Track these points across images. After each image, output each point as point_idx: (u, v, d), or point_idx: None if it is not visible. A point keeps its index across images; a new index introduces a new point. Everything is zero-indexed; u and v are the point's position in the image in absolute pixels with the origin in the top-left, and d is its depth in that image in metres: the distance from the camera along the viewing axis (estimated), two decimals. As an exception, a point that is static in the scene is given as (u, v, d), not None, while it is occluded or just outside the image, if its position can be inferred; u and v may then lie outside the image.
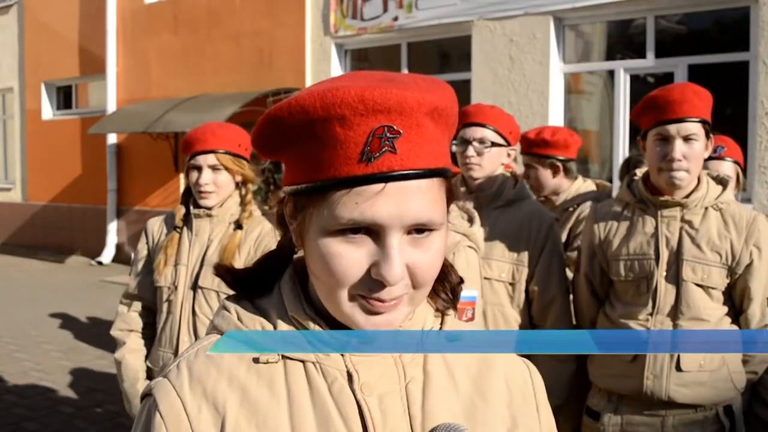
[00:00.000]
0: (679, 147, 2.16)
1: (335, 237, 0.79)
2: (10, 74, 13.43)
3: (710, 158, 2.77)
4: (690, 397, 2.20)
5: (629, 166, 3.44)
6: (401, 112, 0.78)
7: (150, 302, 2.59)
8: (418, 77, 0.83)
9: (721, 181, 2.32)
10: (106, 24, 11.36)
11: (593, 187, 3.50)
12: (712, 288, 2.20)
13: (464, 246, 2.16)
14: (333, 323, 0.86)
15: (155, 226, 2.63)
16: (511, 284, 2.52)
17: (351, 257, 0.79)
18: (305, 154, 0.81)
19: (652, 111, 2.22)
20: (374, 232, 0.79)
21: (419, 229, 0.80)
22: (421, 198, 0.79)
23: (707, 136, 2.20)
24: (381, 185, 0.77)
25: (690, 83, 2.25)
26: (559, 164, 3.30)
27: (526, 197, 2.62)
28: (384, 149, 0.77)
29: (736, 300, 2.25)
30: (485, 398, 0.90)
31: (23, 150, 13.34)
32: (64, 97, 13.09)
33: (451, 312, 0.94)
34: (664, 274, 2.22)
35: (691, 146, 2.17)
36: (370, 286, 0.80)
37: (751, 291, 2.19)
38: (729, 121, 7.51)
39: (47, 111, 13.03)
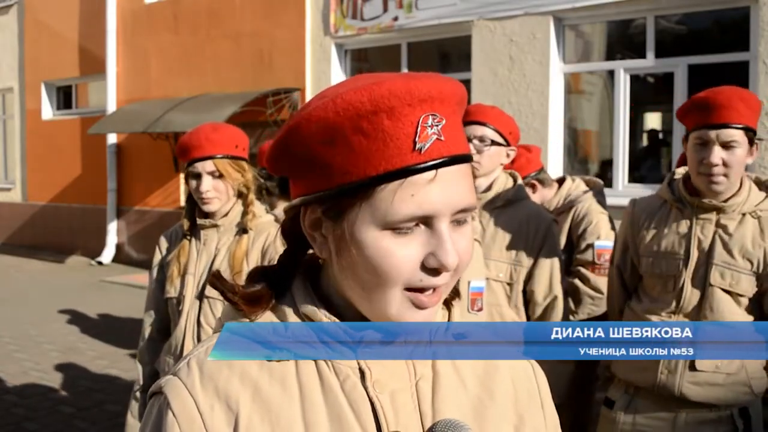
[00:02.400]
0: (717, 152, 2.12)
1: (385, 231, 0.79)
2: (10, 74, 13.43)
3: None
4: (703, 396, 2.19)
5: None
6: (442, 100, 0.80)
7: (163, 314, 2.59)
8: (437, 74, 0.86)
9: (765, 187, 2.28)
10: (106, 24, 11.35)
11: (583, 186, 3.55)
12: (740, 295, 2.18)
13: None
14: (345, 320, 0.86)
15: (166, 239, 2.62)
16: (509, 284, 2.52)
17: (405, 252, 0.79)
18: (348, 152, 0.80)
19: (696, 113, 2.18)
20: (425, 221, 0.80)
21: (460, 216, 0.82)
22: (464, 182, 0.81)
23: (751, 143, 2.16)
24: (433, 173, 0.78)
25: (740, 88, 2.20)
26: (534, 181, 3.45)
27: (524, 198, 2.62)
28: (433, 137, 0.79)
29: (765, 308, 2.22)
30: (492, 396, 0.91)
31: (23, 150, 13.34)
32: (64, 97, 13.09)
33: (456, 303, 0.94)
34: (691, 275, 2.20)
35: (731, 153, 2.13)
36: (421, 277, 0.80)
37: None
38: (729, 121, 7.50)
39: (47, 111, 13.03)
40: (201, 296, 2.43)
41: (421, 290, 0.81)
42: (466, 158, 0.82)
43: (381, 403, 0.83)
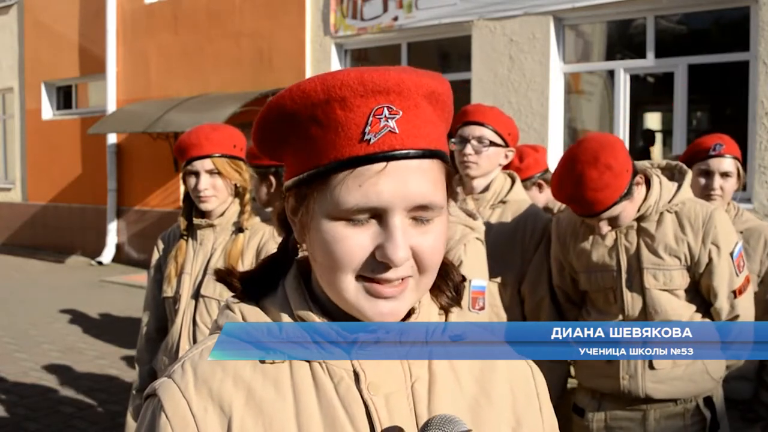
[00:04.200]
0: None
1: (339, 221, 0.79)
2: (10, 74, 13.42)
3: (710, 156, 2.76)
4: (668, 393, 2.23)
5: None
6: (399, 92, 0.79)
7: (161, 314, 2.59)
8: (413, 67, 0.84)
9: (674, 176, 2.32)
10: (106, 24, 11.35)
11: None
12: (677, 289, 2.23)
13: (473, 238, 2.16)
14: (339, 321, 0.85)
15: (164, 239, 2.63)
16: (505, 285, 2.51)
17: (355, 240, 0.79)
18: (307, 141, 0.81)
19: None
20: (378, 215, 0.79)
21: (421, 214, 0.80)
22: (422, 178, 0.79)
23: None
24: (383, 164, 0.77)
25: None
26: (541, 180, 3.47)
27: (522, 198, 2.61)
28: (384, 129, 0.78)
29: (704, 295, 2.28)
30: (489, 398, 0.90)
31: (23, 150, 13.33)
32: (64, 97, 13.08)
33: (455, 309, 0.93)
34: (628, 284, 2.25)
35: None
36: (374, 268, 0.79)
37: (715, 287, 2.22)
38: (729, 121, 7.51)
39: (47, 111, 13.03)
40: (197, 295, 2.44)
41: (377, 281, 0.80)
42: (429, 154, 0.80)
43: (375, 405, 0.83)
